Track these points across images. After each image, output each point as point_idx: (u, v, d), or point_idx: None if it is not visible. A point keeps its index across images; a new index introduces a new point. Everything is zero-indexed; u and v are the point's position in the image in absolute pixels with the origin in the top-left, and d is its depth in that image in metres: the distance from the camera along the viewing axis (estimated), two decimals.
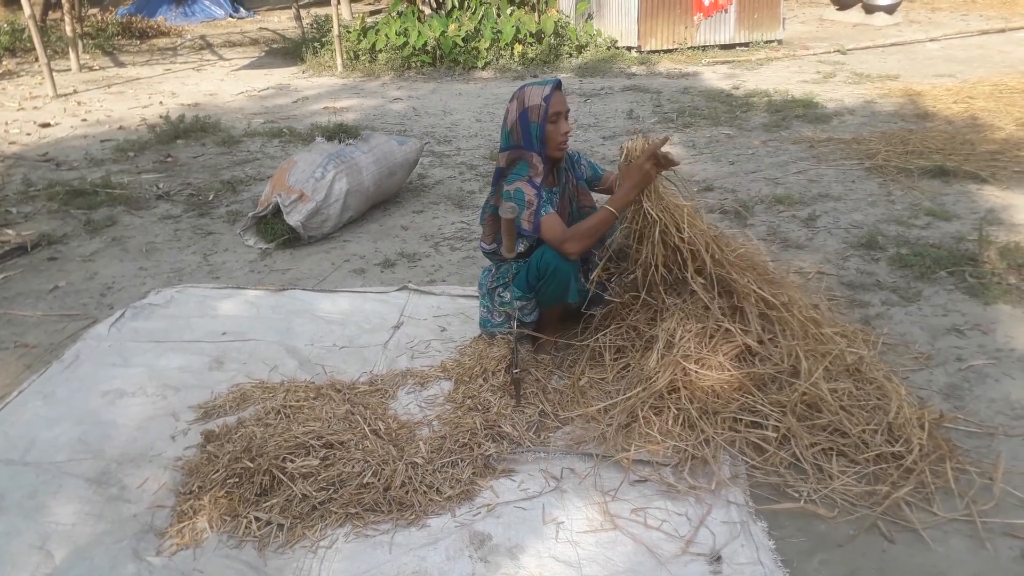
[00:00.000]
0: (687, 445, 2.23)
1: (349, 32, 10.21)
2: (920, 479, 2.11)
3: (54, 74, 8.60)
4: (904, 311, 3.11)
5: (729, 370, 2.35)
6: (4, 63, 10.83)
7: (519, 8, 10.16)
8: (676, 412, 2.31)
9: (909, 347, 2.83)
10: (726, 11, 9.99)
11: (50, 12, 13.22)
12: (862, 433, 2.21)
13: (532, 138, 2.59)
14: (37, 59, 8.80)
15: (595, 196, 2.89)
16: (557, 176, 2.74)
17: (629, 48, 10.00)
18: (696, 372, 2.35)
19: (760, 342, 2.44)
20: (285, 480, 2.13)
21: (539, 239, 2.58)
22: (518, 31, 9.65)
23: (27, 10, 8.36)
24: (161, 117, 6.94)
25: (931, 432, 2.23)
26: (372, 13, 14.13)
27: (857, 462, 2.17)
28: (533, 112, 2.57)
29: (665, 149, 2.44)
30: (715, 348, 2.40)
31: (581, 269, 2.66)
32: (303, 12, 12.93)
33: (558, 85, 2.64)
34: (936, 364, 2.73)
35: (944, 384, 2.61)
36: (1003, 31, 10.59)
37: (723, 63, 9.25)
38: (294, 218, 3.98)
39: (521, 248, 2.66)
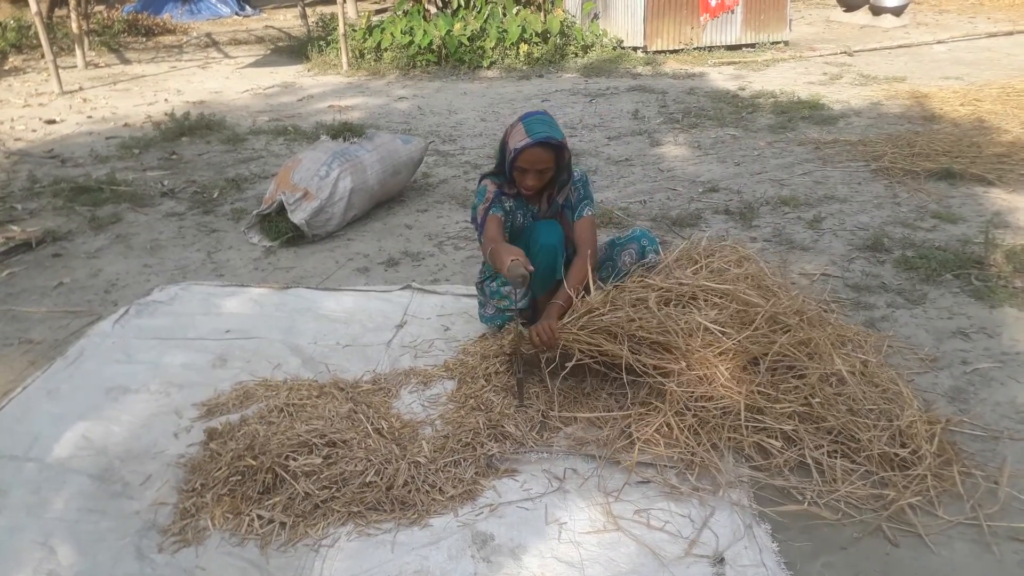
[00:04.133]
0: (691, 453, 2.21)
1: (355, 31, 10.22)
2: (925, 484, 2.10)
3: (60, 71, 8.61)
4: (909, 314, 3.10)
5: (733, 381, 2.33)
6: (10, 60, 10.86)
7: (525, 8, 10.17)
8: (681, 419, 2.30)
9: (914, 350, 2.82)
10: (732, 12, 9.98)
11: (56, 9, 13.26)
12: (869, 440, 2.19)
13: (505, 166, 2.69)
14: (43, 56, 8.82)
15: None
16: (546, 201, 2.77)
17: (635, 48, 9.98)
18: (706, 382, 2.32)
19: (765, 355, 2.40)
20: (288, 478, 2.13)
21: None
22: (524, 31, 9.66)
23: (33, 7, 8.38)
24: (166, 114, 6.96)
25: (938, 437, 2.22)
26: (378, 12, 14.15)
27: (862, 464, 2.16)
28: (508, 150, 2.63)
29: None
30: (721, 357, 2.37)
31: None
32: (309, 10, 12.93)
33: (543, 142, 2.54)
34: (941, 367, 2.72)
35: (949, 387, 2.60)
36: (1011, 34, 10.55)
37: (729, 64, 9.23)
38: (298, 216, 3.98)
39: None
